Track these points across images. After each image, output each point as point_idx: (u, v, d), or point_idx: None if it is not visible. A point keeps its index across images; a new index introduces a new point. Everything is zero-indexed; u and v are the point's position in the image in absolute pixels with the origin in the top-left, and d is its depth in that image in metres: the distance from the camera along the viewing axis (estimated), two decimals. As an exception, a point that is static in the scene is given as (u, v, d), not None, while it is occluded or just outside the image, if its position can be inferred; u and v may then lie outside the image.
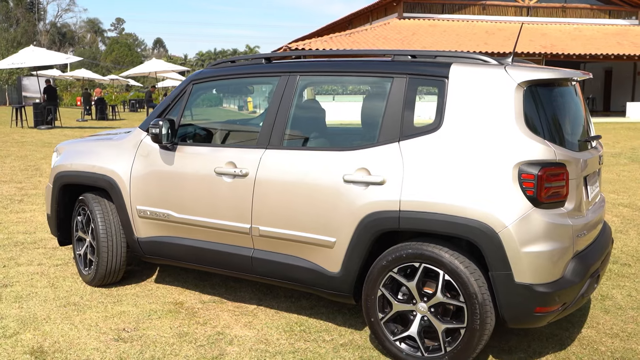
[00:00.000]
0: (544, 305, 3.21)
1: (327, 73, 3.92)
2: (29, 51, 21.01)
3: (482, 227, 3.18)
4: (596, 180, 3.92)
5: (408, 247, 3.43)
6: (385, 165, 3.47)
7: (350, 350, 3.73)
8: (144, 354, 3.66)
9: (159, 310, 4.36)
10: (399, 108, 3.54)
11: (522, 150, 3.21)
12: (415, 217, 3.35)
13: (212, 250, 4.18)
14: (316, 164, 3.70)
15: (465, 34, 25.65)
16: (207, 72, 4.36)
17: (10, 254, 5.68)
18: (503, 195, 3.19)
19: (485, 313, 3.28)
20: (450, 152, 3.33)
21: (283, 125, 3.89)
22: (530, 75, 3.31)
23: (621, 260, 5.77)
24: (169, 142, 4.22)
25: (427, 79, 3.51)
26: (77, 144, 5.08)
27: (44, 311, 4.30)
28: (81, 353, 3.66)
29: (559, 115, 3.48)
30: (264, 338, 3.92)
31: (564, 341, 3.96)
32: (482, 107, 3.33)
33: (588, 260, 3.42)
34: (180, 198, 4.25)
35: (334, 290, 3.73)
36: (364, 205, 3.51)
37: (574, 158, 3.36)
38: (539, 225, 3.17)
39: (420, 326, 3.47)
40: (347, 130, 4.07)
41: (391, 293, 3.52)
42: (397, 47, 22.51)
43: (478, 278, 3.28)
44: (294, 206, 3.76)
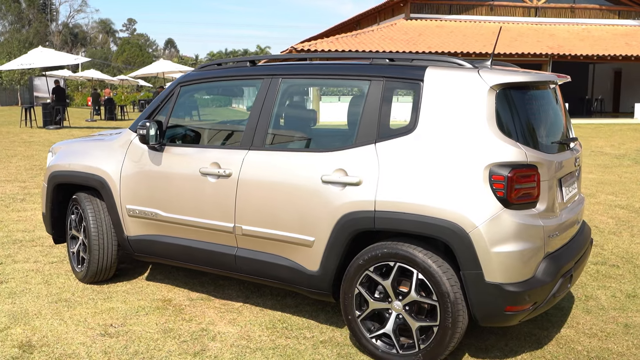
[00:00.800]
0: (514, 305, 3.27)
1: (307, 76, 4.01)
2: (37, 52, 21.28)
3: (453, 227, 3.26)
4: (574, 181, 3.98)
5: (383, 246, 3.50)
6: (361, 167, 3.55)
7: (329, 347, 3.82)
8: (128, 349, 3.77)
9: (147, 307, 4.47)
10: (375, 110, 3.62)
11: (493, 152, 3.27)
12: (389, 217, 3.43)
13: (198, 248, 4.28)
14: (296, 165, 3.79)
15: (472, 35, 25.62)
16: (194, 75, 4.46)
17: (8, 251, 5.81)
18: (474, 196, 3.26)
19: (457, 312, 3.35)
20: (423, 154, 3.41)
21: (265, 127, 3.98)
22: (503, 78, 3.37)
23: (610, 262, 5.81)
24: (156, 143, 4.32)
25: (403, 81, 3.59)
26: (71, 145, 5.20)
27: (35, 307, 4.42)
28: (67, 347, 3.77)
29: (533, 117, 3.55)
30: (246, 334, 4.01)
31: (541, 340, 4.02)
32: (455, 110, 3.40)
33: (560, 260, 3.48)
34: (167, 197, 4.35)
35: (313, 289, 3.82)
36: (341, 205, 3.59)
37: (547, 160, 3.42)
38: (509, 226, 3.23)
39: (396, 324, 3.54)
40: (328, 131, 4.16)
41: (368, 291, 3.60)
42: (403, 48, 22.55)
43: (450, 277, 3.35)
44: (275, 206, 3.86)
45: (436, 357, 3.44)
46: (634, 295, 4.89)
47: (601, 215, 7.88)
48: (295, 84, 4.10)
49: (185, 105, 4.56)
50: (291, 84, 4.06)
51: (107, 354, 3.69)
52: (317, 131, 4.14)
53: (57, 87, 22.15)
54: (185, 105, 4.56)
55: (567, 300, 4.76)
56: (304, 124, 4.23)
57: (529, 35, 26.21)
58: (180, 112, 4.55)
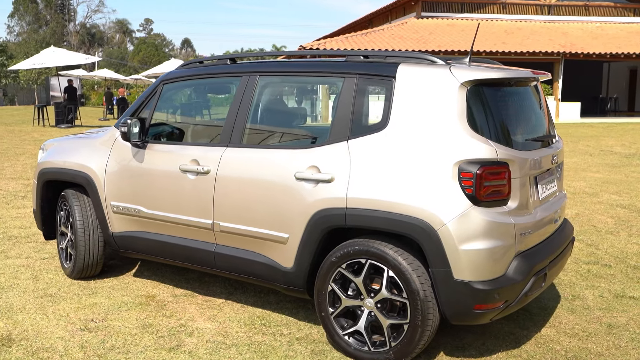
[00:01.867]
0: (483, 303, 3.25)
1: (284, 73, 4.02)
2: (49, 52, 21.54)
3: (421, 224, 3.24)
4: (552, 179, 3.94)
5: (355, 243, 3.50)
6: (333, 164, 3.55)
7: (304, 344, 3.82)
8: (105, 344, 3.80)
9: (129, 302, 4.51)
10: (349, 107, 3.61)
11: (462, 149, 3.26)
12: (360, 215, 3.43)
13: (178, 245, 4.31)
14: (271, 162, 3.80)
15: (483, 33, 25.42)
16: (176, 73, 4.49)
17: (3, 247, 5.90)
18: (443, 193, 3.24)
19: (427, 309, 3.33)
20: (394, 151, 3.40)
21: (243, 124, 4.00)
22: (474, 75, 3.35)
23: (603, 261, 5.74)
24: (138, 140, 4.35)
25: (375, 78, 3.58)
26: (61, 142, 5.26)
27: (20, 301, 4.48)
28: (46, 341, 3.82)
29: (506, 114, 3.52)
30: (223, 330, 4.03)
31: (520, 339, 3.99)
32: (426, 106, 3.39)
33: (533, 259, 3.45)
34: (149, 194, 4.39)
35: (288, 285, 3.83)
36: (313, 202, 3.59)
37: (519, 157, 3.39)
38: (478, 223, 3.21)
39: (367, 321, 3.54)
40: (304, 128, 4.16)
41: (341, 289, 3.60)
42: (412, 47, 22.45)
43: (421, 275, 3.34)
44: (251, 203, 3.87)
45: (407, 355, 3.43)
46: (622, 296, 4.83)
47: (601, 214, 7.79)
48: (272, 81, 4.11)
49: (168, 102, 4.59)
50: (268, 81, 4.07)
51: (84, 348, 3.73)
52: (293, 128, 4.14)
53: (69, 87, 22.39)
54: (167, 103, 4.59)
55: (552, 300, 4.72)
56: (280, 121, 4.24)
57: (541, 34, 25.96)
58: (162, 110, 4.58)
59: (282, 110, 4.33)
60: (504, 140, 3.38)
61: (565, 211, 4.31)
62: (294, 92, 4.37)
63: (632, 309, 4.56)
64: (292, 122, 4.19)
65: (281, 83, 4.28)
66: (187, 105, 4.61)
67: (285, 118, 4.27)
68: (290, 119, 4.23)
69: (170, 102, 4.58)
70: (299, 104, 4.30)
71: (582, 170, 11.87)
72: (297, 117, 4.17)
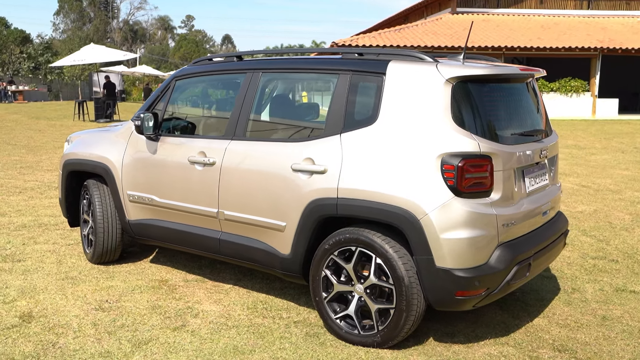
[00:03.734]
0: (464, 290, 3.40)
1: (285, 70, 4.24)
2: (89, 48, 22.29)
3: (405, 213, 3.41)
4: (543, 172, 4.04)
5: (346, 232, 3.69)
6: (327, 156, 3.74)
7: (300, 327, 4.03)
8: (115, 322, 4.09)
9: (143, 286, 4.79)
10: (342, 102, 3.80)
11: (446, 142, 3.41)
12: (349, 204, 3.61)
13: (188, 232, 4.57)
14: (271, 154, 4.02)
15: (519, 29, 25.12)
16: (188, 70, 4.75)
17: (33, 233, 6.28)
18: (426, 184, 3.40)
19: (412, 295, 3.50)
20: (382, 144, 3.57)
21: (246, 118, 4.23)
22: (459, 71, 3.49)
23: (611, 256, 5.78)
24: (152, 133, 4.63)
25: (367, 75, 3.75)
26: (84, 135, 5.59)
27: (43, 283, 4.82)
28: (62, 319, 4.13)
29: (493, 109, 3.65)
30: (227, 313, 4.27)
31: (510, 328, 4.11)
32: (413, 102, 3.54)
33: (517, 249, 3.57)
34: (161, 184, 4.66)
35: (286, 271, 4.04)
36: (308, 192, 3.79)
37: (503, 151, 3.51)
38: (460, 214, 3.36)
39: (358, 306, 3.73)
40: (302, 122, 4.35)
41: (333, 274, 3.79)
42: (445, 43, 22.36)
43: (406, 262, 3.50)
44: (252, 192, 4.10)
45: (393, 339, 3.60)
46: (623, 290, 4.89)
47: (620, 211, 7.76)
48: (274, 77, 4.33)
49: (180, 97, 4.85)
50: (270, 77, 4.29)
51: (96, 326, 4.02)
52: (292, 122, 4.35)
53: (107, 82, 23.11)
54: (179, 98, 4.85)
55: (550, 292, 4.81)
56: (280, 115, 4.44)
57: (579, 29, 25.47)
58: (175, 104, 4.84)
59: (283, 105, 4.53)
60: (489, 135, 3.51)
61: (559, 204, 4.40)
62: (294, 88, 4.58)
63: (629, 302, 4.62)
64: (292, 117, 4.40)
65: (282, 79, 4.49)
66: (197, 100, 4.87)
67: (285, 112, 4.48)
68: (290, 113, 4.44)
69: (182, 97, 4.84)
70: (299, 99, 4.51)
71: (611, 167, 11.73)
72: (296, 112, 4.37)
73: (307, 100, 5.70)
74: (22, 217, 6.95)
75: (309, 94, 4.68)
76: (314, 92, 4.83)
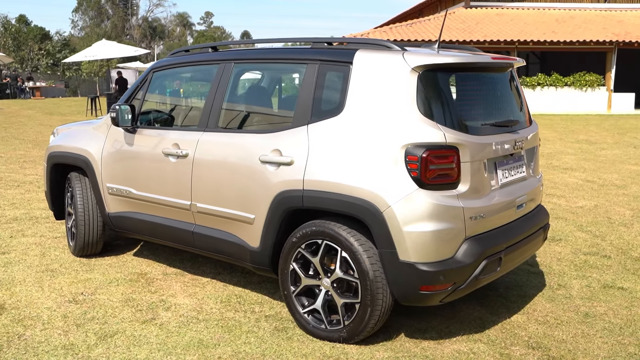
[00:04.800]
0: (429, 284, 3.31)
1: (256, 60, 4.17)
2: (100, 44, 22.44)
3: (368, 205, 3.33)
4: (519, 164, 3.92)
5: (313, 224, 3.62)
6: (294, 147, 3.67)
7: (269, 321, 3.97)
8: (86, 315, 4.07)
9: (121, 279, 4.77)
10: (310, 93, 3.72)
11: (410, 132, 3.31)
12: (315, 196, 3.54)
13: (163, 225, 4.54)
14: (240, 146, 3.96)
15: (533, 23, 24.72)
16: (165, 61, 4.70)
17: (23, 226, 6.30)
18: (390, 175, 3.31)
19: (377, 289, 3.41)
20: (348, 134, 3.49)
21: (218, 110, 4.17)
22: (425, 60, 3.39)
23: (604, 252, 5.63)
24: (127, 125, 4.59)
25: (334, 64, 3.67)
26: (69, 127, 5.58)
27: (23, 275, 4.82)
28: (33, 310, 4.12)
29: (462, 99, 3.55)
30: (199, 307, 4.23)
31: (486, 325, 4.00)
32: (379, 91, 3.46)
33: (486, 243, 3.46)
34: (138, 176, 4.62)
35: (256, 264, 3.98)
36: (275, 184, 3.72)
37: (471, 142, 3.41)
38: (423, 206, 3.26)
39: (324, 300, 3.65)
40: (272, 113, 4.28)
41: (301, 268, 3.72)
42: (457, 37, 22.09)
43: (371, 256, 3.42)
44: (222, 184, 4.04)
45: (359, 334, 3.52)
46: (611, 286, 4.75)
47: (621, 207, 7.57)
48: (245, 68, 4.26)
49: (157, 89, 4.81)
50: (242, 68, 4.23)
51: (66, 318, 4.00)
52: (262, 113, 4.28)
53: (119, 78, 23.25)
54: (156, 90, 4.81)
55: (534, 288, 4.69)
56: (251, 106, 4.38)
57: (595, 22, 25.00)
58: (152, 96, 4.80)
59: (253, 96, 4.47)
60: (457, 125, 3.41)
61: (540, 197, 4.27)
62: (265, 79, 4.51)
63: (615, 299, 4.48)
64: (262, 107, 4.33)
65: (254, 70, 4.42)
66: (173, 92, 4.83)
67: (255, 103, 4.41)
68: (260, 104, 4.37)
69: (158, 89, 4.80)
70: (270, 90, 4.44)
71: (620, 162, 11.49)
72: (266, 103, 4.30)
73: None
74: (14, 210, 6.99)
75: (280, 85, 4.63)
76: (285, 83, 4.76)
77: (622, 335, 3.87)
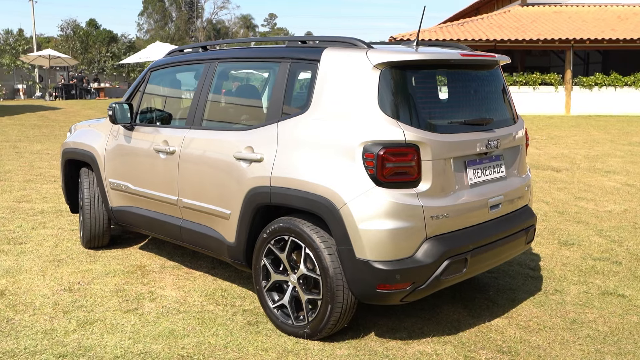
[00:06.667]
0: (386, 283, 3.28)
1: (236, 60, 4.26)
2: (155, 46, 23.20)
3: (326, 203, 3.34)
4: (496, 164, 3.82)
5: (280, 221, 3.66)
6: (264, 144, 3.73)
7: (245, 316, 4.04)
8: (75, 303, 4.26)
9: (119, 270, 4.96)
10: (282, 90, 3.77)
11: (369, 130, 3.30)
12: (281, 193, 3.58)
13: (156, 219, 4.69)
14: (218, 143, 4.05)
15: (592, 20, 23.74)
16: (162, 61, 4.86)
17: (46, 219, 6.64)
18: (348, 173, 3.31)
19: (337, 287, 3.42)
20: (311, 132, 3.51)
21: (203, 108, 4.28)
22: (388, 57, 3.37)
23: (616, 258, 5.40)
24: (126, 123, 4.77)
25: (304, 63, 3.70)
26: (82, 125, 5.84)
27: (30, 264, 5.08)
28: (29, 297, 4.35)
29: (428, 96, 3.50)
30: (183, 299, 4.35)
31: (462, 327, 3.93)
32: (342, 89, 3.46)
33: (450, 243, 3.40)
34: (134, 172, 4.80)
35: (233, 259, 4.06)
36: (248, 180, 3.79)
37: (434, 140, 3.36)
38: (380, 204, 3.25)
39: (291, 296, 3.69)
40: (249, 111, 4.33)
41: (272, 264, 3.78)
42: (509, 36, 21.49)
43: (332, 253, 3.43)
44: (202, 180, 4.14)
45: (321, 331, 3.54)
46: (611, 293, 4.56)
47: (648, 212, 7.22)
48: (227, 67, 4.35)
49: (154, 88, 4.97)
50: (225, 67, 4.32)
51: (56, 305, 4.21)
52: (241, 111, 4.34)
53: (173, 79, 23.92)
54: (153, 88, 4.97)
55: (528, 292, 4.56)
56: (231, 104, 4.46)
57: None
58: (149, 95, 4.97)
59: (233, 94, 4.55)
60: (420, 123, 3.37)
61: (525, 198, 4.15)
62: (245, 77, 4.59)
63: (610, 306, 4.30)
64: (240, 105, 4.40)
65: (234, 69, 4.50)
66: (169, 90, 4.97)
67: (234, 101, 4.49)
68: (239, 102, 4.44)
69: (155, 88, 4.96)
70: (249, 88, 4.52)
71: (666, 165, 10.92)
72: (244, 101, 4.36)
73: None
74: (44, 204, 7.36)
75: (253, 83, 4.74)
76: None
77: (603, 344, 3.72)
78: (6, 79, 34.08)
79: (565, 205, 7.62)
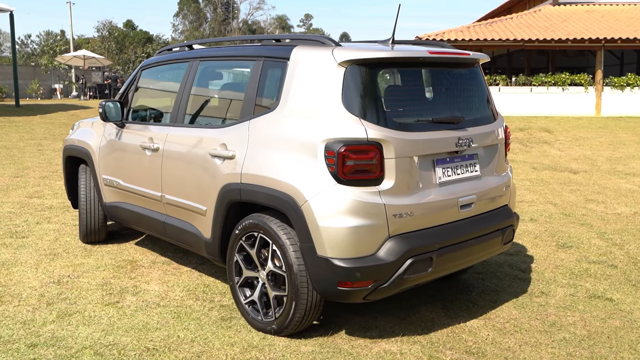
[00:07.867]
0: (346, 280, 3.28)
1: (216, 58, 4.32)
2: (182, 47, 23.48)
3: (289, 199, 3.36)
4: (469, 163, 3.78)
5: (250, 217, 3.70)
6: (236, 141, 3.77)
7: (220, 311, 4.08)
8: (60, 295, 4.37)
9: (109, 264, 5.07)
10: (254, 88, 3.80)
11: (331, 127, 3.31)
12: (249, 189, 3.62)
13: (143, 215, 4.78)
14: (196, 140, 4.11)
15: (625, 19, 23.11)
16: (152, 60, 4.96)
17: (52, 214, 6.82)
18: (310, 170, 3.33)
19: (301, 283, 3.44)
20: (278, 129, 3.54)
21: (185, 106, 4.35)
22: (352, 55, 3.37)
23: (612, 262, 5.27)
24: (117, 120, 4.88)
25: (275, 61, 3.73)
26: (85, 122, 5.99)
27: (26, 257, 5.24)
28: (18, 289, 4.48)
29: (395, 94, 3.49)
30: (165, 294, 4.42)
31: (436, 327, 3.90)
32: (308, 86, 3.48)
33: (413, 241, 3.38)
34: (124, 168, 4.90)
35: (209, 255, 4.11)
36: (221, 177, 3.84)
37: (398, 138, 3.34)
38: (340, 202, 3.25)
39: (261, 292, 3.72)
40: (225, 109, 4.37)
41: (244, 260, 3.81)
42: (537, 36, 21.08)
43: (297, 250, 3.44)
44: (181, 177, 4.21)
45: (287, 327, 3.55)
46: (598, 297, 4.46)
47: (659, 215, 7.02)
48: (209, 66, 4.41)
49: (144, 86, 5.06)
50: (206, 66, 4.38)
51: (42, 297, 4.33)
52: (218, 108, 4.39)
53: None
54: (144, 87, 5.06)
55: (511, 294, 4.50)
56: (210, 102, 4.50)
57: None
58: (140, 93, 5.06)
59: (211, 92, 4.59)
60: (384, 120, 3.35)
61: (504, 198, 4.08)
62: (223, 75, 4.64)
63: (595, 310, 4.21)
64: (217, 103, 4.45)
65: (213, 67, 4.55)
66: (157, 89, 5.06)
67: (212, 99, 4.54)
68: (216, 100, 4.49)
69: (146, 86, 5.05)
70: (226, 86, 4.56)
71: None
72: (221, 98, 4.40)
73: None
74: (53, 200, 7.56)
75: (231, 81, 4.80)
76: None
77: (577, 347, 3.64)
78: (44, 78, 35.01)
79: (573, 207, 7.47)
